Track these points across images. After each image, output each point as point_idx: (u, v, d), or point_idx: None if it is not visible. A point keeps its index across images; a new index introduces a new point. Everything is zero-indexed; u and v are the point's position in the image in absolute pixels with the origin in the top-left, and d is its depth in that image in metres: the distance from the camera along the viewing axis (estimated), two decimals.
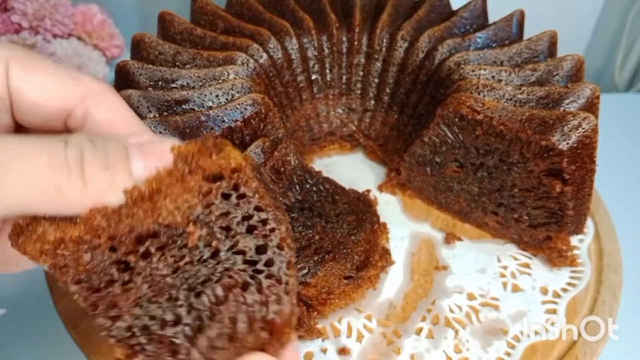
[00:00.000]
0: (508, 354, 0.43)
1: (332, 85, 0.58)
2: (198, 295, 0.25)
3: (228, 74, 0.46)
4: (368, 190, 0.53)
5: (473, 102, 0.45)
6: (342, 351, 0.43)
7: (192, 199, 0.24)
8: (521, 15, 0.54)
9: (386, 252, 0.47)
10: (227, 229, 0.25)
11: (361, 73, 0.58)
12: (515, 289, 0.48)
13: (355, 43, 0.57)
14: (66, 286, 0.24)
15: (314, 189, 0.47)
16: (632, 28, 0.90)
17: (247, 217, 0.25)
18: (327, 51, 0.57)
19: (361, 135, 0.60)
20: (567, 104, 0.44)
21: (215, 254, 0.25)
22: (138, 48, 0.48)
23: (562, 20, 0.74)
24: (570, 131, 0.42)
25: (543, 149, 0.43)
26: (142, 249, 0.24)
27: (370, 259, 0.45)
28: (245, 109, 0.43)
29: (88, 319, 0.42)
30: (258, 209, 0.25)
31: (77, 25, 0.69)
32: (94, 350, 0.42)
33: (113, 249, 0.24)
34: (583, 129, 0.42)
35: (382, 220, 0.49)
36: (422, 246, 0.52)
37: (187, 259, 0.25)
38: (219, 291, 0.24)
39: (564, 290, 0.48)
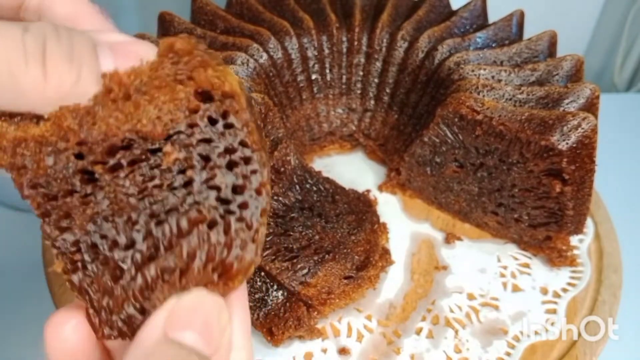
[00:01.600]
0: (508, 354, 0.43)
1: (332, 85, 0.58)
2: (159, 223, 0.23)
3: None
4: (368, 190, 0.53)
5: (473, 102, 0.45)
6: (342, 351, 0.43)
7: (177, 113, 0.22)
8: (521, 15, 0.54)
9: (386, 252, 0.47)
10: (206, 158, 0.23)
11: (361, 73, 0.58)
12: (515, 288, 0.48)
13: (355, 43, 0.57)
14: (21, 189, 0.23)
15: (314, 188, 0.47)
16: (632, 28, 0.90)
17: (229, 151, 0.23)
18: (327, 51, 0.57)
19: (361, 135, 0.60)
20: (567, 104, 0.44)
21: (187, 183, 0.23)
22: None
23: (562, 20, 0.74)
24: (569, 131, 0.42)
25: (543, 149, 0.43)
26: (112, 162, 0.23)
27: (370, 259, 0.45)
28: None
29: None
30: (243, 144, 0.23)
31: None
32: None
33: (80, 156, 0.22)
34: (583, 129, 0.42)
35: (382, 220, 0.49)
36: (422, 246, 0.52)
37: (156, 182, 0.23)
38: (184, 224, 0.23)
39: (564, 290, 0.48)
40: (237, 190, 0.23)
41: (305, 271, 0.43)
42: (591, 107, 0.45)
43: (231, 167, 0.23)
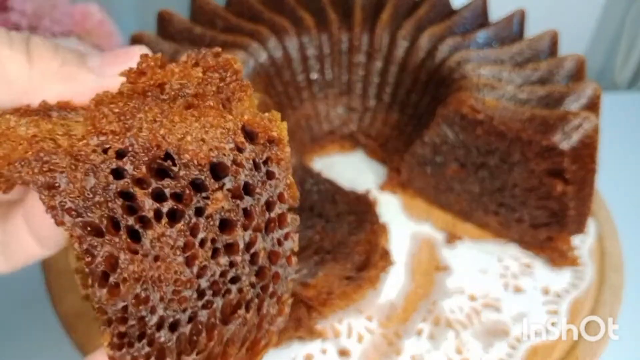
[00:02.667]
0: (509, 355, 0.43)
1: (332, 85, 0.58)
2: (206, 306, 0.20)
3: None
4: (368, 190, 0.53)
5: (474, 102, 0.45)
6: (343, 352, 0.43)
7: (223, 142, 0.19)
8: (522, 14, 0.54)
9: (387, 253, 0.47)
10: (248, 214, 0.20)
11: (361, 72, 0.58)
12: (517, 289, 0.48)
13: (356, 42, 0.56)
14: (55, 215, 0.18)
15: (314, 189, 0.47)
16: (633, 26, 0.90)
17: (269, 206, 0.20)
18: (327, 50, 0.56)
19: (361, 135, 0.59)
20: (569, 104, 0.44)
21: (229, 245, 0.20)
22: None
23: (563, 19, 0.74)
24: (571, 131, 0.42)
25: (544, 148, 0.43)
26: (154, 184, 0.19)
27: (370, 259, 0.45)
28: None
29: (86, 322, 0.42)
30: (281, 199, 0.21)
31: (76, 24, 0.69)
32: (92, 351, 0.42)
33: (118, 174, 0.18)
34: (584, 128, 0.42)
35: (382, 220, 0.49)
36: (422, 246, 0.51)
37: (200, 236, 0.19)
38: (227, 308, 0.20)
39: (566, 290, 0.48)
40: (271, 258, 0.21)
41: (305, 272, 0.43)
42: (593, 106, 0.45)
43: (268, 229, 0.21)
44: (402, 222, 0.54)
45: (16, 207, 0.23)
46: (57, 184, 0.17)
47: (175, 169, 0.19)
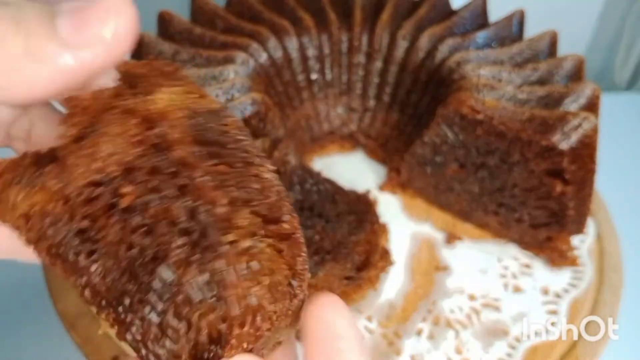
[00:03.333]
0: (509, 355, 0.43)
1: (332, 85, 0.58)
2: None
3: (228, 74, 0.46)
4: (368, 190, 0.53)
5: (473, 102, 0.45)
6: None
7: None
8: (521, 14, 0.54)
9: (386, 253, 0.47)
10: None
11: (361, 72, 0.58)
12: (516, 289, 0.48)
13: (356, 42, 0.57)
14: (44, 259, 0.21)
15: (314, 189, 0.47)
16: (633, 27, 0.90)
17: None
18: (327, 50, 0.56)
19: (361, 135, 0.60)
20: (568, 104, 0.44)
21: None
22: (137, 47, 0.48)
23: (563, 19, 0.74)
24: (570, 131, 0.42)
25: (543, 148, 0.43)
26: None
27: (370, 259, 0.45)
28: (245, 108, 0.43)
29: (86, 321, 0.42)
30: None
31: None
32: (92, 350, 0.42)
33: (71, 218, 0.20)
34: (583, 128, 0.42)
35: (382, 220, 0.49)
36: (422, 246, 0.52)
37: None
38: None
39: (565, 290, 0.48)
40: None
41: None
42: (592, 106, 0.45)
43: None
44: (402, 222, 0.54)
45: None
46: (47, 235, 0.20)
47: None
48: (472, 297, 0.47)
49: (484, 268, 0.50)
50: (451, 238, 0.52)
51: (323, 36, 0.56)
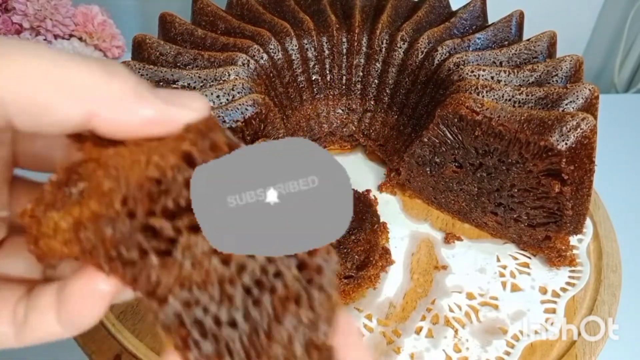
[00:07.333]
0: (507, 353, 0.43)
1: (332, 86, 0.59)
2: (256, 303, 0.20)
3: (229, 75, 0.46)
4: (368, 190, 0.54)
5: (472, 103, 0.45)
6: None
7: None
8: (520, 15, 0.54)
9: (386, 252, 0.48)
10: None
11: (361, 74, 0.58)
12: (515, 288, 0.48)
13: (355, 44, 0.57)
14: (102, 269, 0.20)
15: None
16: (631, 28, 0.91)
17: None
18: (327, 52, 0.57)
19: (361, 136, 0.60)
20: (566, 105, 0.44)
21: None
22: (139, 49, 0.48)
23: (561, 20, 0.74)
24: (568, 132, 0.42)
25: (542, 149, 0.43)
26: (159, 206, 0.19)
27: (370, 258, 0.46)
28: (246, 109, 0.43)
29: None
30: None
31: (78, 26, 0.69)
32: (94, 349, 0.42)
33: (132, 215, 0.20)
34: (582, 129, 0.42)
35: (382, 220, 0.49)
36: (421, 246, 0.52)
37: None
38: (277, 304, 0.20)
39: (563, 289, 0.48)
40: (311, 251, 0.20)
41: None
42: (590, 107, 0.45)
43: None
44: (401, 222, 0.54)
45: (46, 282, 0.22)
46: (94, 246, 0.20)
47: (164, 186, 0.19)
48: (470, 296, 0.48)
49: (483, 267, 0.50)
50: (450, 238, 0.52)
51: (323, 38, 0.56)
